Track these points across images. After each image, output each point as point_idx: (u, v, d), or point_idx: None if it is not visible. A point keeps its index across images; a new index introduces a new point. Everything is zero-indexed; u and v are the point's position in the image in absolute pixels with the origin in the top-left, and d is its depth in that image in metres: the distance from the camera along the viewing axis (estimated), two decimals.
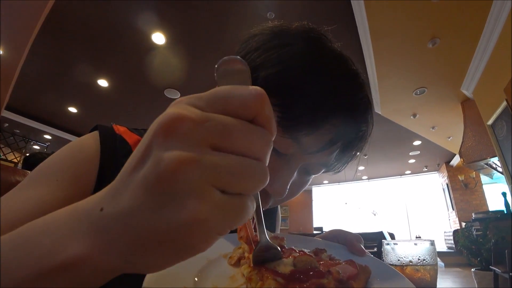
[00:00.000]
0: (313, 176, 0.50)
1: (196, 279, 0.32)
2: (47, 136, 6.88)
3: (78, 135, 6.54)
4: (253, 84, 0.41)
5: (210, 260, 0.36)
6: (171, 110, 0.19)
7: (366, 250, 0.44)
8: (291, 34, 0.45)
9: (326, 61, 0.42)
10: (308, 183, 0.51)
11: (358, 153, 0.50)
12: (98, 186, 0.45)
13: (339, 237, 0.48)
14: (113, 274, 0.21)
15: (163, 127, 0.18)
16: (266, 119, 0.21)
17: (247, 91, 0.20)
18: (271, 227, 0.72)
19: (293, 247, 0.37)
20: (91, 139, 0.49)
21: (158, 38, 3.66)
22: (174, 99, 0.21)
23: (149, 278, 0.28)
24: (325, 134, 0.41)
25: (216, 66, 0.23)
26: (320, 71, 0.41)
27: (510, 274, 2.63)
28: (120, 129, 0.53)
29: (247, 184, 0.19)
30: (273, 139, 0.21)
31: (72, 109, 5.66)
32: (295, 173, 0.44)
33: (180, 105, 0.20)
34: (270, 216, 0.73)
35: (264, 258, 0.33)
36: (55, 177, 0.43)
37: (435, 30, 3.27)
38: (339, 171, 0.51)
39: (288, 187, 0.44)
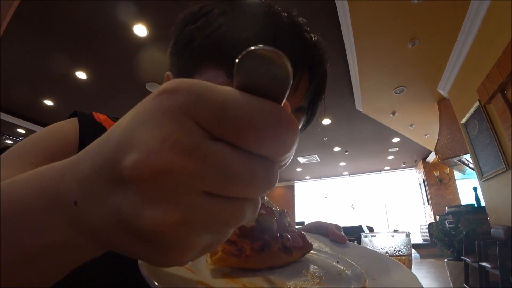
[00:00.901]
0: (301, 129, 0.49)
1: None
2: (21, 130, 6.55)
3: None
4: (198, 56, 0.42)
5: None
6: (156, 135, 0.14)
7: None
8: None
9: (252, 7, 0.44)
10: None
11: (324, 82, 0.49)
12: None
13: (320, 228, 0.50)
14: (102, 252, 0.21)
15: (138, 170, 0.14)
16: (279, 150, 0.16)
17: (268, 109, 0.15)
18: None
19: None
20: (70, 124, 0.47)
21: (140, 30, 3.56)
22: None
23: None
24: None
25: (244, 53, 0.15)
26: (248, 16, 0.42)
27: (479, 263, 2.79)
28: (100, 117, 0.51)
29: (249, 191, 0.16)
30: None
31: (48, 102, 5.41)
32: None
33: (172, 122, 0.14)
34: None
35: None
36: (29, 159, 0.40)
37: (415, 31, 3.38)
38: (314, 113, 0.51)
39: None
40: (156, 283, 0.21)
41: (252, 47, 0.15)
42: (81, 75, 4.47)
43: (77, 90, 4.94)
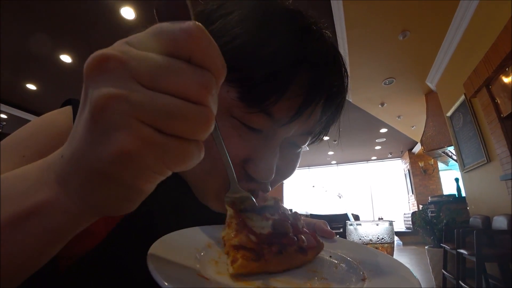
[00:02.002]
0: (304, 146, 0.47)
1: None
2: (3, 115, 6.31)
3: (39, 114, 6.06)
4: None
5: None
6: (99, 51, 0.18)
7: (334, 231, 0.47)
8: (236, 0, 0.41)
9: (276, 17, 0.39)
10: (300, 157, 0.48)
11: (340, 110, 0.47)
12: None
13: (308, 225, 0.51)
14: (84, 219, 0.23)
15: (90, 67, 0.18)
16: (203, 56, 0.19)
17: (178, 25, 0.19)
18: None
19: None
20: (63, 115, 0.44)
21: (127, 12, 3.44)
22: None
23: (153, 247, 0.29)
24: (294, 97, 0.37)
25: (155, 4, 0.21)
26: (270, 29, 0.37)
27: (457, 250, 2.93)
28: None
29: (183, 126, 0.18)
30: (217, 80, 0.20)
31: (31, 86, 5.21)
32: (277, 150, 0.41)
33: (115, 45, 0.20)
34: None
35: (234, 200, 0.36)
36: (21, 153, 0.39)
37: (406, 23, 3.39)
38: (325, 135, 0.50)
39: (274, 168, 0.40)
40: (165, 283, 0.22)
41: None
42: (65, 58, 4.31)
43: (62, 74, 4.77)
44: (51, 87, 5.28)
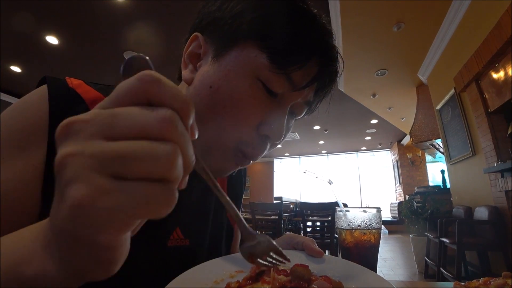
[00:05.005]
0: (296, 118, 0.54)
1: None
2: None
3: None
4: (238, 30, 0.44)
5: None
6: (68, 119, 0.19)
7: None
8: None
9: (300, 2, 0.46)
10: (291, 129, 0.54)
11: (330, 90, 0.54)
12: (50, 154, 0.40)
13: (293, 242, 0.52)
14: (71, 285, 0.23)
15: (58, 132, 0.19)
16: (161, 96, 0.20)
17: (135, 76, 0.20)
18: (237, 195, 0.75)
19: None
20: (37, 97, 0.42)
21: None
22: None
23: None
24: (312, 67, 0.45)
25: (121, 65, 0.23)
26: (298, 10, 0.45)
27: (440, 239, 3.04)
28: (74, 83, 0.46)
29: (147, 168, 0.17)
30: (182, 115, 0.20)
31: (15, 68, 5.02)
32: (286, 114, 0.48)
33: (87, 112, 0.20)
34: (240, 183, 0.76)
35: (251, 250, 0.39)
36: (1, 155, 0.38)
37: (401, 15, 3.39)
38: (313, 112, 0.56)
39: (284, 128, 0.47)
40: None
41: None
42: (52, 39, 4.15)
43: (48, 56, 4.60)
44: (37, 70, 5.10)
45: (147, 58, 0.24)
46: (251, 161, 0.49)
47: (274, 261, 0.39)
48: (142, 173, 0.17)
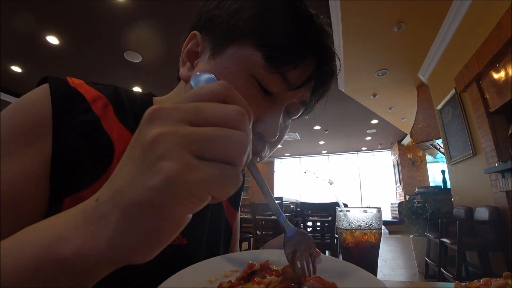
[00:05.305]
0: (293, 119, 0.54)
1: None
2: None
3: None
4: (235, 28, 0.46)
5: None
6: (154, 106, 0.22)
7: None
8: None
9: (298, 2, 0.46)
10: (288, 128, 0.55)
11: (327, 91, 0.53)
12: (55, 150, 0.40)
13: None
14: (104, 269, 0.23)
15: (146, 116, 0.22)
16: (235, 98, 0.24)
17: (213, 83, 0.25)
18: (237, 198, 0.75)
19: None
20: (39, 95, 0.42)
21: None
22: (135, 63, 0.22)
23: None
24: (308, 67, 0.46)
25: (192, 78, 0.32)
26: (295, 10, 0.45)
27: (440, 239, 3.04)
28: (75, 82, 0.47)
29: (225, 151, 0.21)
30: (247, 115, 0.23)
31: (16, 68, 5.03)
32: (282, 113, 0.48)
33: (164, 105, 0.23)
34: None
35: (295, 249, 0.39)
36: (7, 151, 0.38)
37: (402, 15, 3.38)
38: (310, 112, 0.56)
39: (278, 127, 0.48)
40: None
41: None
42: (52, 40, 4.15)
43: (49, 57, 4.61)
44: (37, 70, 5.11)
45: (212, 75, 0.33)
46: (258, 158, 0.49)
47: (307, 269, 0.38)
48: (220, 155, 0.21)
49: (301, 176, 12.15)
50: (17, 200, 0.36)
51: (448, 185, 4.62)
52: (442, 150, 5.04)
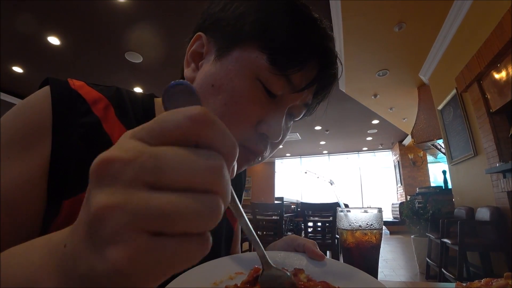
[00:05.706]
0: (295, 120, 0.54)
1: None
2: None
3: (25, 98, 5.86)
4: (240, 31, 0.46)
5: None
6: (105, 153, 0.17)
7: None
8: None
9: (302, 6, 0.47)
10: (290, 130, 0.55)
11: (329, 93, 0.54)
12: (54, 153, 0.41)
13: (294, 244, 0.51)
14: None
15: (94, 171, 0.17)
16: (210, 138, 0.18)
17: (182, 112, 0.18)
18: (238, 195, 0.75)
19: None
20: (40, 98, 0.43)
21: None
22: (136, 64, 0.19)
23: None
24: (311, 70, 0.47)
25: (163, 90, 0.22)
26: (300, 13, 0.46)
27: (441, 239, 3.03)
28: (76, 84, 0.47)
29: (189, 225, 0.17)
30: (227, 160, 0.19)
31: (17, 69, 5.04)
32: (285, 114, 0.49)
33: (121, 141, 0.18)
34: (239, 183, 0.76)
35: (269, 279, 0.37)
36: (6, 154, 0.38)
37: (402, 15, 3.38)
38: (311, 114, 0.57)
39: (282, 128, 0.48)
40: None
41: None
42: (53, 40, 4.17)
43: (50, 57, 4.62)
44: (38, 70, 5.12)
45: (194, 87, 0.22)
46: (260, 158, 0.50)
47: None
48: (183, 229, 0.17)
49: (302, 177, 12.14)
50: (15, 204, 0.37)
51: (449, 186, 4.61)
52: (443, 150, 5.03)
